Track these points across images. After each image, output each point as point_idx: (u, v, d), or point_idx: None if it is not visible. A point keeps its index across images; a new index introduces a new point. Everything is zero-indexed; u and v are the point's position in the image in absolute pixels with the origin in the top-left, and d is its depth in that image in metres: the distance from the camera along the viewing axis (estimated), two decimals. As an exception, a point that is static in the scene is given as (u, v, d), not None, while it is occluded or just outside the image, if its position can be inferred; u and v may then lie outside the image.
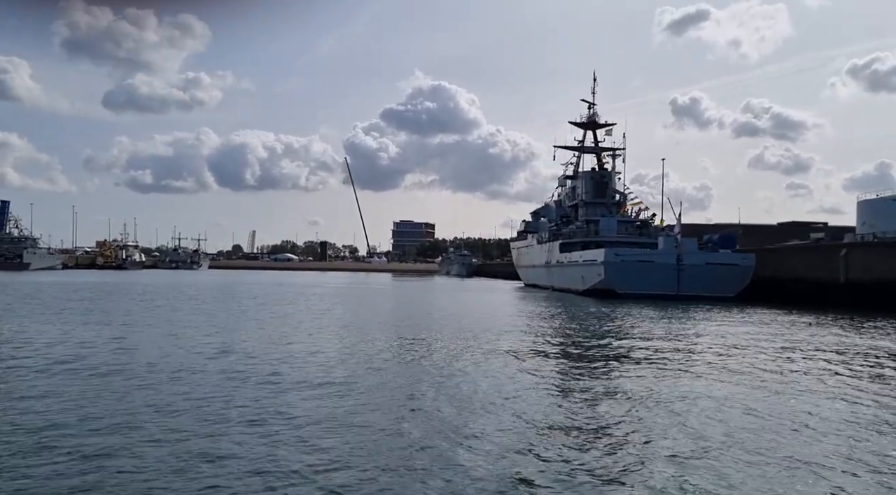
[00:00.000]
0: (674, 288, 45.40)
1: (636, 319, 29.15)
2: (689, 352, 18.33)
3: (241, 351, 17.21)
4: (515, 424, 9.87)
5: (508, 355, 17.26)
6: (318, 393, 12.02)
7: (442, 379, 13.52)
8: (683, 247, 46.38)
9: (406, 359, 16.44)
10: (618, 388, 12.83)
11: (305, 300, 41.77)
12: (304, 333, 21.73)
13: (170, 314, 28.85)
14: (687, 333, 23.55)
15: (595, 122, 68.63)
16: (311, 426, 9.55)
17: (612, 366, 15.89)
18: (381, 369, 14.82)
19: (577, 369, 15.43)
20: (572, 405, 11.30)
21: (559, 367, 15.70)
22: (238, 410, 10.47)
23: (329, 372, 14.25)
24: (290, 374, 13.80)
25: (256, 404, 10.95)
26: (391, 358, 16.53)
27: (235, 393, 11.76)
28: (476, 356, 17.00)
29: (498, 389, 12.56)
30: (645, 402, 11.54)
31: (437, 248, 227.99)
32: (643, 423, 10.04)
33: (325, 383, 12.90)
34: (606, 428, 9.71)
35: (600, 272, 47.61)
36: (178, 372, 13.80)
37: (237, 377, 13.36)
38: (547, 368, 15.38)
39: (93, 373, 13.55)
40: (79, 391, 11.76)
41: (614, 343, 20.32)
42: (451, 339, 20.62)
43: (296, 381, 13.01)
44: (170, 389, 12.03)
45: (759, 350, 19.00)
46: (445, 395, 11.91)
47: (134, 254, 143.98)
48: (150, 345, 17.98)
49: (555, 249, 61.44)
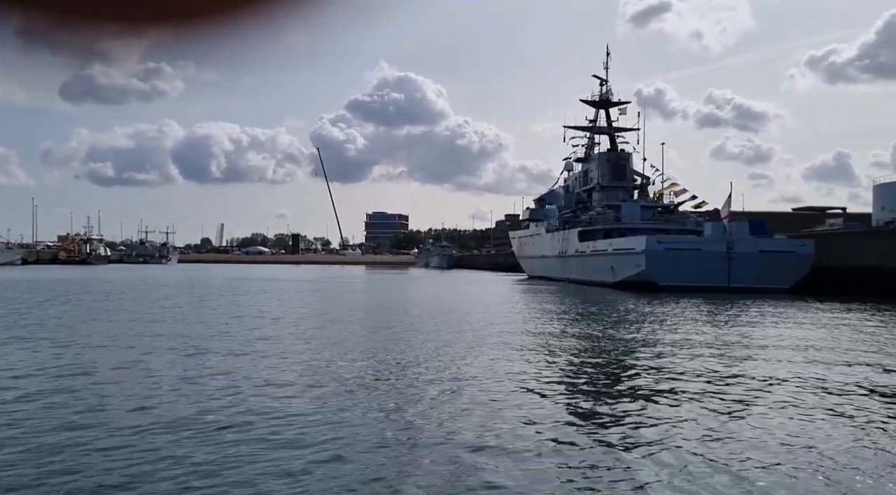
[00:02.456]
0: (724, 279, 40.08)
1: (698, 318, 23.60)
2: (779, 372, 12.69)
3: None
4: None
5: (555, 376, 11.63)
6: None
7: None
8: (734, 233, 40.96)
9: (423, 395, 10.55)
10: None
11: (305, 302, 35.61)
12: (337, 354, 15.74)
13: (148, 328, 22.44)
14: (764, 339, 18.03)
15: (609, 100, 63.12)
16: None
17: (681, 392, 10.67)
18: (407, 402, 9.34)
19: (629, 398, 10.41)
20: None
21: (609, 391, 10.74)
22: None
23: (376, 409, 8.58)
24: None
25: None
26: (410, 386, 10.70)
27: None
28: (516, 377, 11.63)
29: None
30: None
31: (412, 240, 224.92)
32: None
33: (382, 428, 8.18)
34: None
35: (639, 262, 42.09)
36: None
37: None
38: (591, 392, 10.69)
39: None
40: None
41: (683, 357, 14.58)
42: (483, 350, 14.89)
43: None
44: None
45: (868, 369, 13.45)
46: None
47: (99, 247, 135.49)
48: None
49: (571, 238, 55.89)
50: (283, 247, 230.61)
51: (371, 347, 15.71)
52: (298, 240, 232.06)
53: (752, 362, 13.98)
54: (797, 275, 40.41)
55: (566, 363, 13.81)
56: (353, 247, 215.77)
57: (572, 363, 13.82)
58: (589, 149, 64.20)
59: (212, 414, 8.91)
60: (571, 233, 56.31)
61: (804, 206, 75.36)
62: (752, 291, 38.67)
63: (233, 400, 9.76)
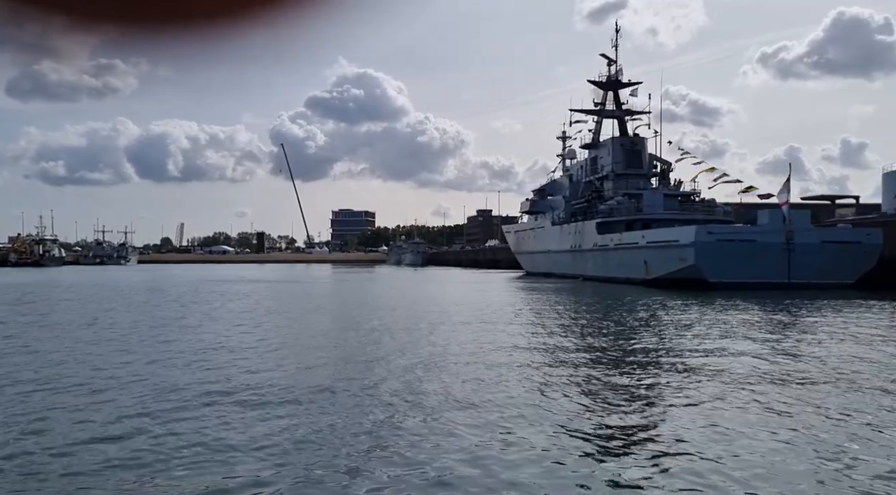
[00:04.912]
0: (783, 274, 35.14)
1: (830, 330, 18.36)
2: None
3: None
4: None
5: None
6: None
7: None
8: (794, 222, 35.94)
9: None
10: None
11: (293, 316, 29.57)
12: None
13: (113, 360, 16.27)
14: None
15: (618, 81, 57.90)
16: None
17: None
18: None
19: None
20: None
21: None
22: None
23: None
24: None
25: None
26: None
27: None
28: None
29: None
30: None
31: (380, 237, 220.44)
32: None
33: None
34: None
35: (684, 256, 36.87)
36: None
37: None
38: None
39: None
40: None
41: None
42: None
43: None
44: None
45: None
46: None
47: (53, 248, 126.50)
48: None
49: (587, 231, 50.55)
50: (248, 247, 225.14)
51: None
52: (263, 238, 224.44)
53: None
54: (863, 269, 35.76)
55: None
56: (319, 246, 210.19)
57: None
58: (596, 134, 58.89)
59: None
60: (587, 225, 50.95)
61: (813, 196, 71.24)
62: (813, 288, 33.88)
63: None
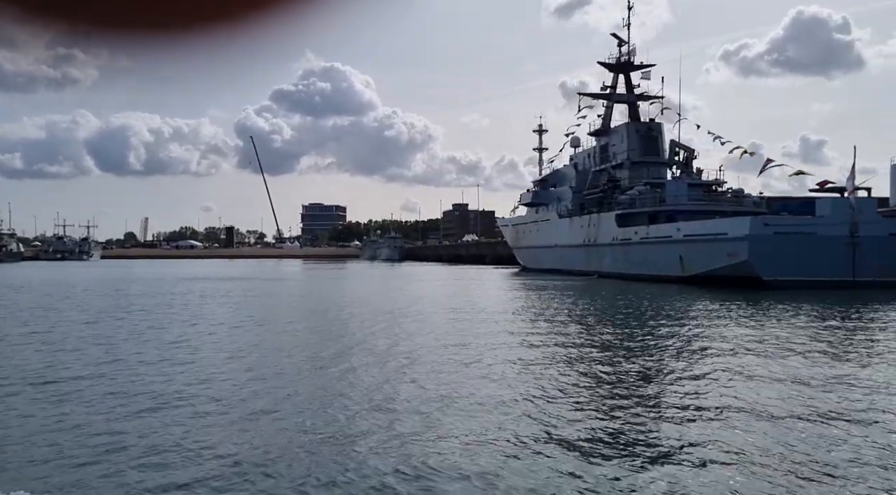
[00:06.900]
0: (847, 272, 31.29)
1: None
2: None
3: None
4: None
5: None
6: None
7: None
8: (860, 212, 32.01)
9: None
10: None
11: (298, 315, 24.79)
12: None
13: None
14: None
15: (630, 63, 53.86)
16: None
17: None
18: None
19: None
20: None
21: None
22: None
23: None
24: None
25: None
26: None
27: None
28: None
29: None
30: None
31: (351, 232, 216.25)
32: None
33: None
34: None
35: (734, 251, 32.78)
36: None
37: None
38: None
39: None
40: None
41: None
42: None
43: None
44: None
45: None
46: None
47: (10, 243, 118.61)
48: None
49: (604, 223, 46.30)
50: (216, 241, 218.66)
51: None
52: (233, 233, 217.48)
53: None
54: (932, 265, 32.04)
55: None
56: (290, 240, 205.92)
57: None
58: (606, 119, 54.71)
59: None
60: (603, 217, 46.71)
61: (827, 187, 67.91)
62: (878, 286, 30.10)
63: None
